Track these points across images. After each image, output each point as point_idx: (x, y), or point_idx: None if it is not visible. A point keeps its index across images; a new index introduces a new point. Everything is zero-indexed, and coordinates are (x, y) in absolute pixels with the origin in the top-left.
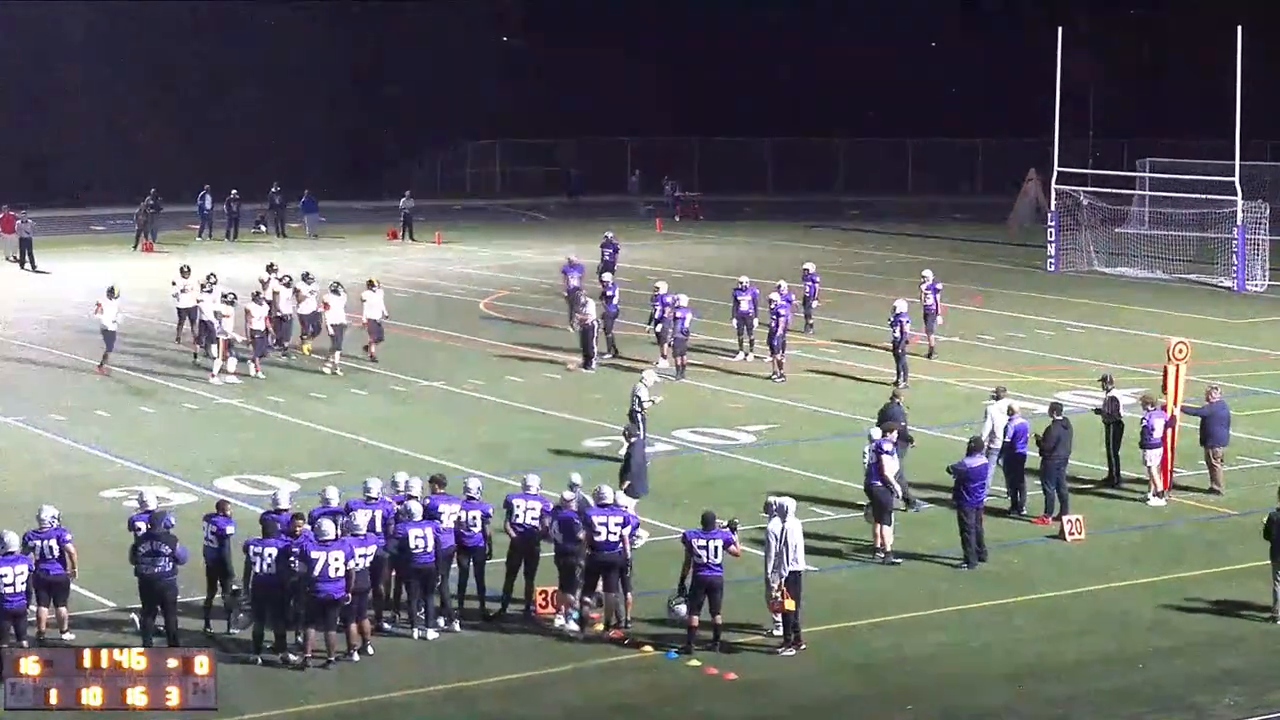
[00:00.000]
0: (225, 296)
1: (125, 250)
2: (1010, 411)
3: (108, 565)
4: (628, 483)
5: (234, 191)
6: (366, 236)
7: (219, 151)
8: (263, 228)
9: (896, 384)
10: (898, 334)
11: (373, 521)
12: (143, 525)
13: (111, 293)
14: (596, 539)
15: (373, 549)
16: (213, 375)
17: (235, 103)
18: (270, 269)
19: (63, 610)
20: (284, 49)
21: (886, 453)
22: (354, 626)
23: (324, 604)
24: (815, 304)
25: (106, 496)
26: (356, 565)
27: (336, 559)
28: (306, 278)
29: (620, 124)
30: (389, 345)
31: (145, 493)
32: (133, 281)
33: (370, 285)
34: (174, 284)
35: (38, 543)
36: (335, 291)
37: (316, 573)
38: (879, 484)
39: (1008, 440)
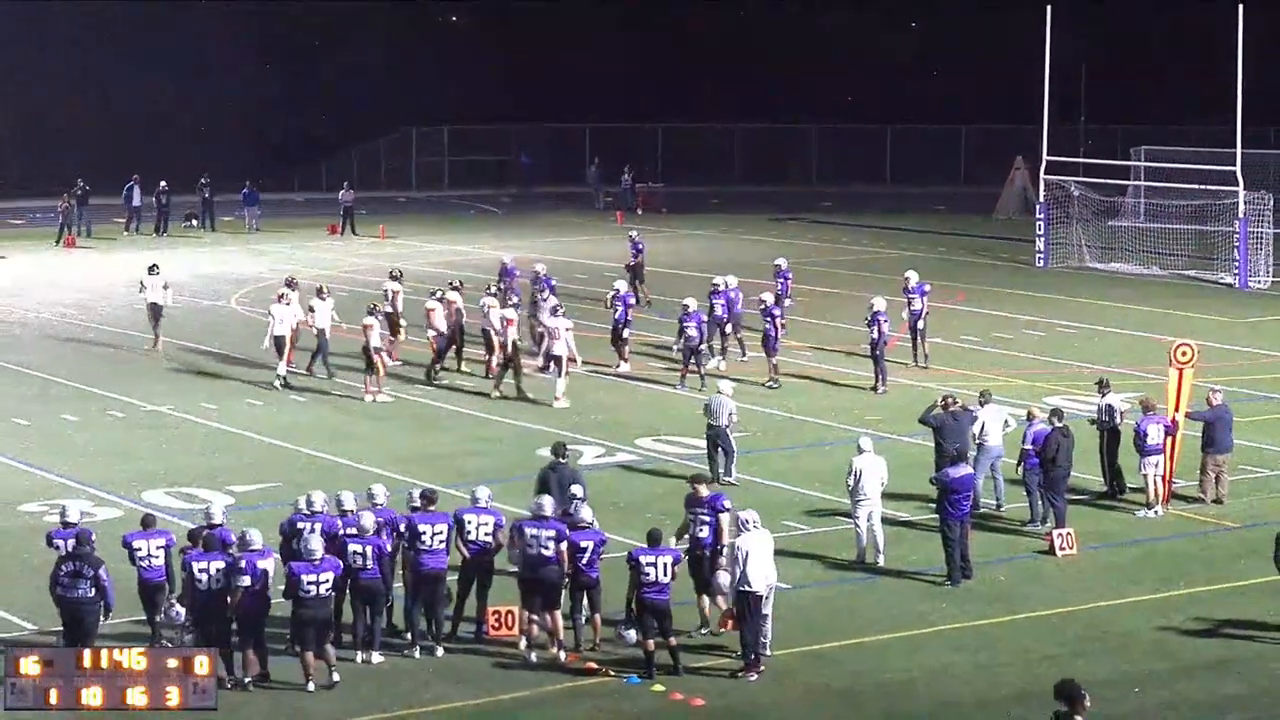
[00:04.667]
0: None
1: (46, 245)
2: (1030, 416)
3: (23, 585)
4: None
5: (163, 183)
6: (307, 230)
7: (146, 141)
8: (194, 222)
9: (874, 388)
10: (875, 334)
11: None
12: (62, 543)
13: (153, 270)
14: (529, 553)
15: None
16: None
17: (163, 89)
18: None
19: None
20: (216, 32)
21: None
22: (329, 649)
23: (322, 623)
24: (788, 302)
25: (25, 510)
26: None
27: (326, 579)
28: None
29: (578, 109)
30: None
31: (68, 506)
32: (55, 276)
33: (319, 293)
34: (142, 284)
35: None
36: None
37: (309, 593)
38: None
39: (1025, 447)
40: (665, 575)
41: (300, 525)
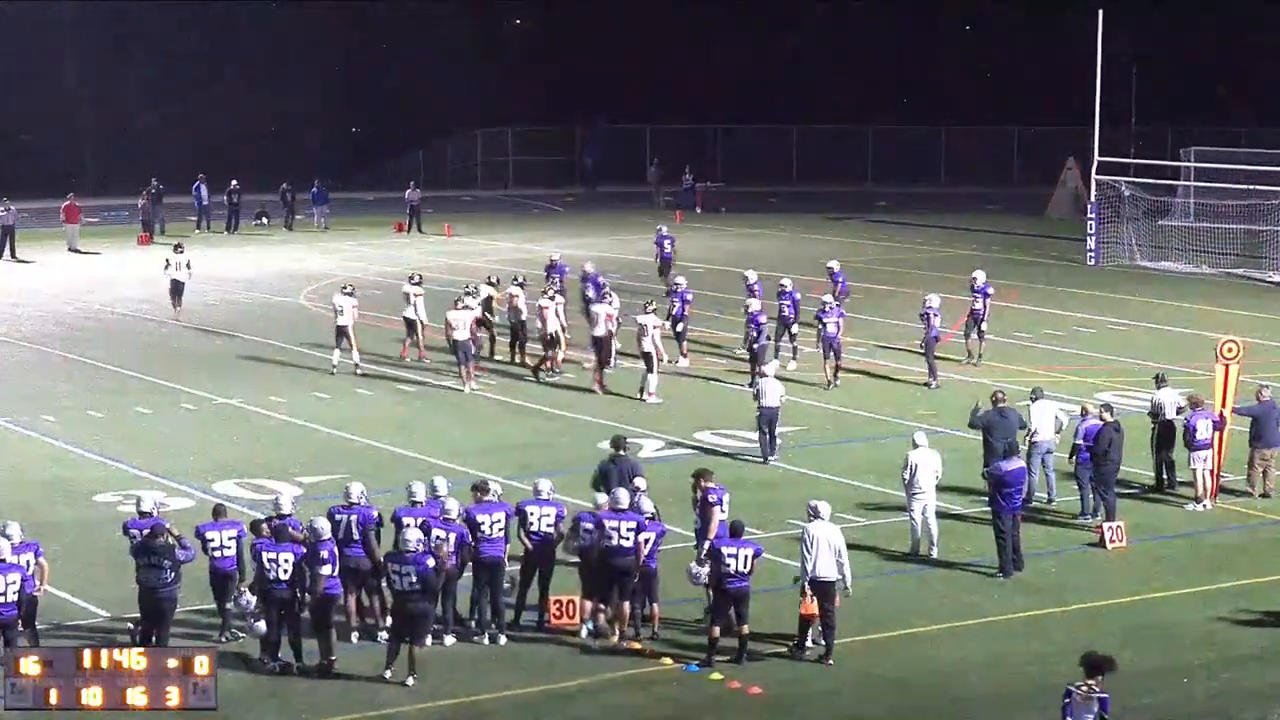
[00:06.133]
0: (344, 288)
1: (122, 243)
2: (1084, 412)
3: (100, 574)
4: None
5: (234, 182)
6: (374, 228)
7: (219, 141)
8: (265, 220)
9: (928, 384)
10: (928, 330)
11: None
12: (137, 532)
13: (178, 249)
14: (608, 544)
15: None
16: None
17: (235, 91)
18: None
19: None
20: (286, 35)
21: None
22: (415, 648)
23: (420, 615)
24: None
25: (100, 501)
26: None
27: (407, 571)
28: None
29: (639, 110)
30: (394, 343)
31: (143, 497)
32: (130, 273)
33: (345, 290)
34: (168, 261)
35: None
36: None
37: (396, 586)
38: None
39: (1078, 442)
40: (745, 566)
41: (339, 518)
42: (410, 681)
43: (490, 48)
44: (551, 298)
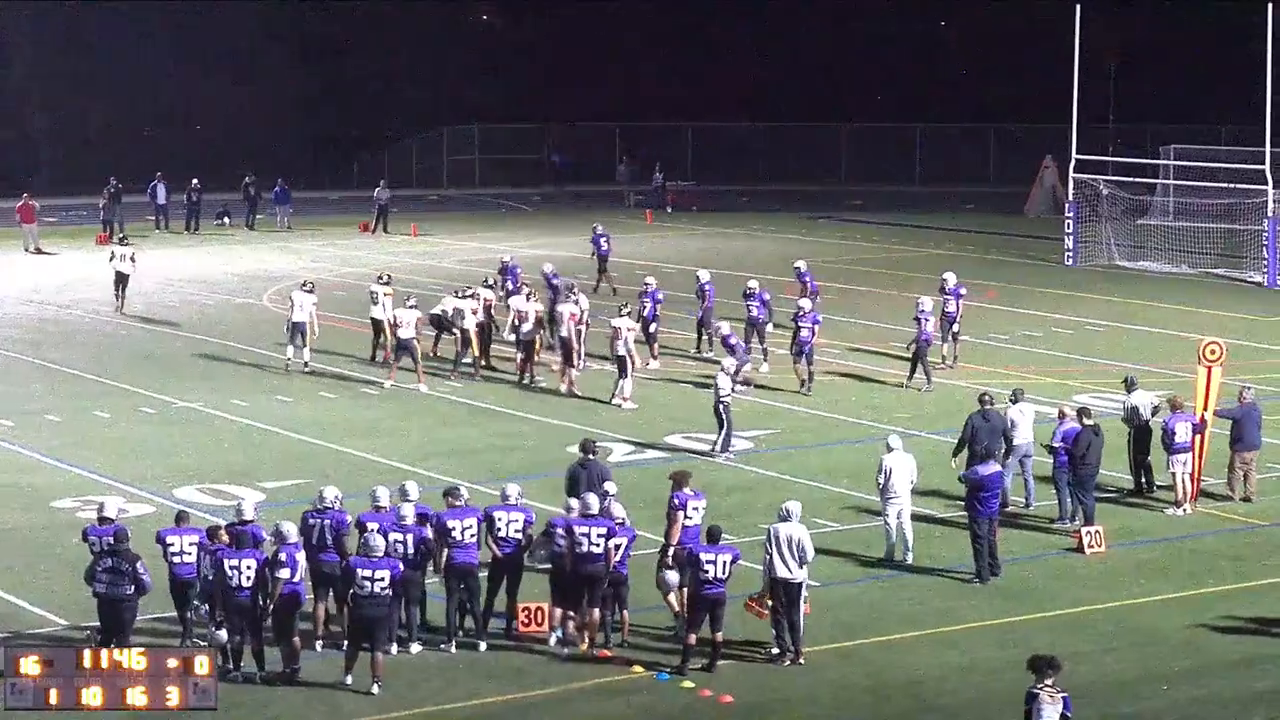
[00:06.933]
0: (304, 285)
1: (79, 243)
2: (1061, 414)
3: (58, 581)
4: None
5: (194, 181)
6: (339, 228)
7: (179, 140)
8: (227, 220)
9: (920, 389)
10: (919, 332)
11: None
12: (98, 540)
13: (123, 241)
14: (578, 550)
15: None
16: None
17: (196, 90)
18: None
19: None
20: (251, 32)
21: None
22: (379, 655)
23: (372, 621)
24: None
25: (58, 506)
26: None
27: (381, 576)
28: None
29: (608, 109)
30: (356, 344)
31: (105, 503)
32: (88, 274)
33: (304, 287)
34: (113, 253)
35: None
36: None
37: (364, 591)
38: None
39: (1057, 444)
40: (723, 573)
41: (312, 522)
42: (375, 689)
43: (457, 45)
44: (527, 298)
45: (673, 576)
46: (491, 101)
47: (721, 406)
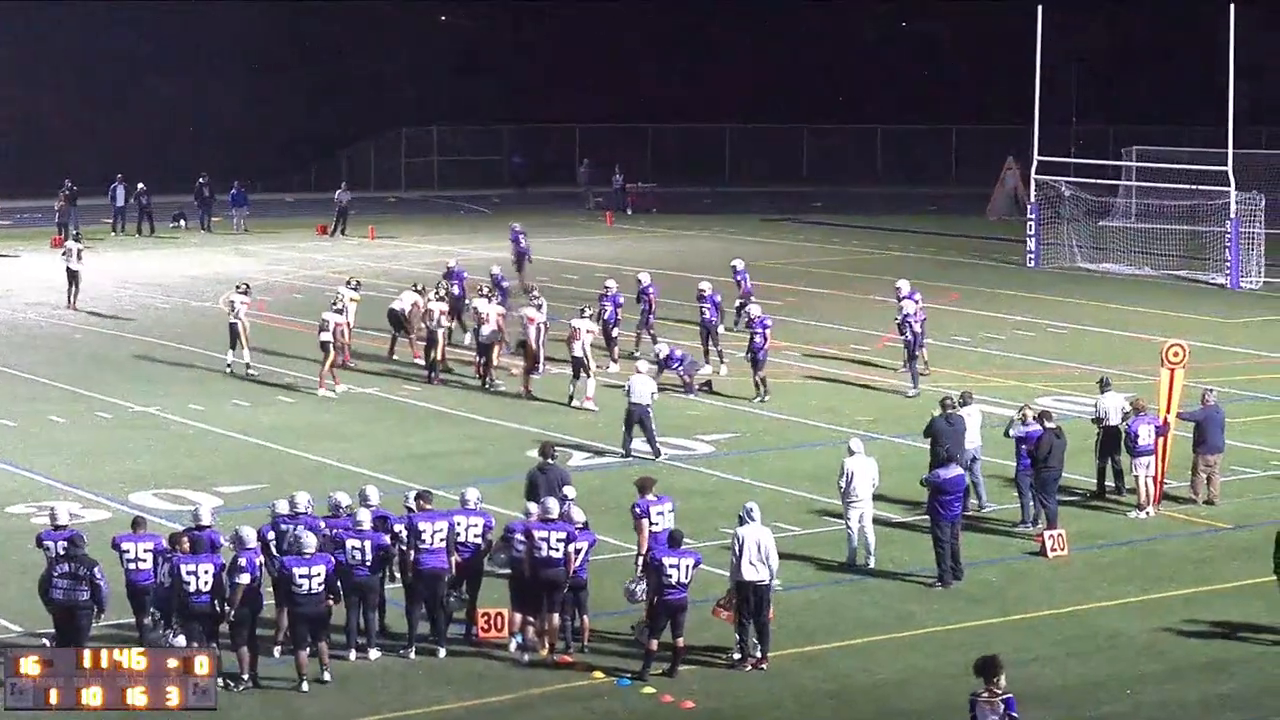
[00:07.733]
0: (239, 287)
1: (34, 246)
2: (1023, 418)
3: (12, 588)
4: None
5: (140, 185)
6: (296, 231)
7: (136, 142)
8: (182, 222)
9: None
10: (909, 335)
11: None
12: (52, 545)
13: (77, 238)
14: (537, 555)
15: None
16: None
17: (153, 91)
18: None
19: None
20: (206, 36)
21: None
22: (322, 645)
23: (315, 619)
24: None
25: (12, 512)
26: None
27: (318, 573)
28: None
29: (568, 110)
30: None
31: (58, 508)
32: (42, 276)
33: (239, 289)
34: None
35: None
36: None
37: (301, 588)
38: None
39: (1015, 436)
40: (686, 577)
41: (284, 528)
42: (327, 676)
43: (415, 46)
44: (488, 298)
45: (639, 588)
46: (449, 103)
47: (638, 410)
